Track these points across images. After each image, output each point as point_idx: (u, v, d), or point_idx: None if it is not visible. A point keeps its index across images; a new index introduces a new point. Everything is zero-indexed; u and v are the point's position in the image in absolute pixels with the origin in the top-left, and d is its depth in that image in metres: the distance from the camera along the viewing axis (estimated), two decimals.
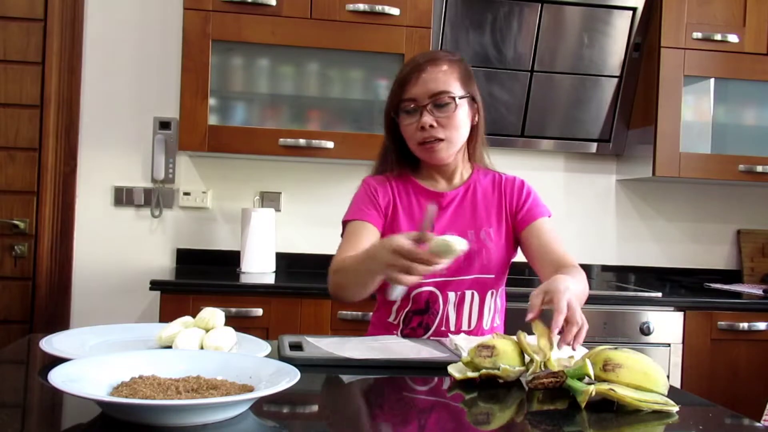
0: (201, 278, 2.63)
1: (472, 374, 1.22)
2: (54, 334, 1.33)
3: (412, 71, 1.65)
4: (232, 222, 3.01)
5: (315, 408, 1.16)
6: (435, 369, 1.33)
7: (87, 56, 2.95)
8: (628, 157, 3.15)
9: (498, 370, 1.20)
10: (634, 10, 2.95)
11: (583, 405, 1.09)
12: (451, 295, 1.66)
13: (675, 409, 1.11)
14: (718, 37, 2.90)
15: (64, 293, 2.93)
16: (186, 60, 2.67)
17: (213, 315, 1.35)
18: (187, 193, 3.00)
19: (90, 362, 1.06)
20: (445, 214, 1.69)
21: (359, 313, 2.49)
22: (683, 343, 2.66)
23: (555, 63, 3.01)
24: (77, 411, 1.01)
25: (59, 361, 1.08)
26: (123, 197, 2.96)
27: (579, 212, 3.23)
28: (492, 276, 1.67)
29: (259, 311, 2.47)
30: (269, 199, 3.04)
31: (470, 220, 1.69)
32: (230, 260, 2.95)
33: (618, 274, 3.25)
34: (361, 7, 2.71)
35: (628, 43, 3.01)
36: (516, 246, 1.73)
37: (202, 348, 1.27)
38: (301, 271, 2.95)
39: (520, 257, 1.75)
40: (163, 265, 2.98)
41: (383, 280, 1.70)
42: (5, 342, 2.72)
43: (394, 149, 1.74)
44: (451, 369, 1.26)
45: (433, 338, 1.63)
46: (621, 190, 3.28)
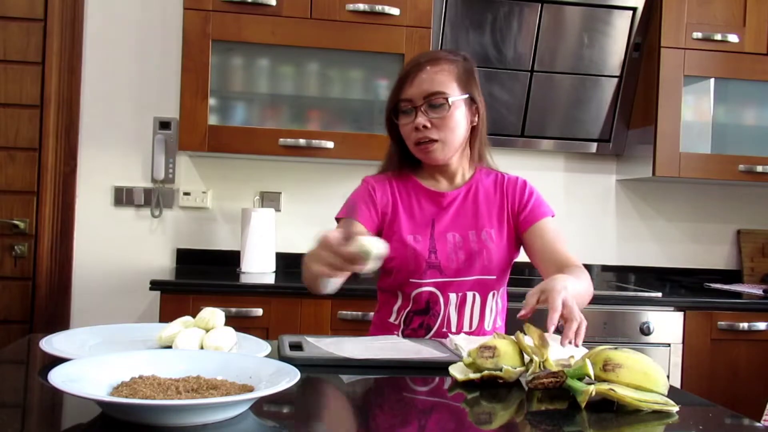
0: (201, 278, 2.63)
1: (473, 375, 1.22)
2: (54, 334, 1.33)
3: (410, 71, 1.65)
4: (232, 222, 3.01)
5: (315, 408, 1.16)
6: (435, 369, 1.32)
7: (87, 56, 2.95)
8: (628, 157, 3.15)
9: (500, 371, 1.20)
10: (634, 10, 2.95)
11: (583, 405, 1.09)
12: (452, 297, 1.65)
13: (675, 409, 1.11)
14: (718, 37, 2.90)
15: (64, 293, 2.93)
16: (186, 60, 2.67)
17: (213, 315, 1.35)
18: (187, 193, 3.00)
19: (90, 362, 1.06)
20: (446, 215, 1.68)
21: (359, 313, 2.49)
22: (683, 343, 2.66)
23: (555, 63, 3.01)
24: (77, 411, 1.01)
25: (59, 361, 1.08)
26: (123, 197, 2.96)
27: (579, 212, 3.23)
28: (493, 277, 1.66)
29: (259, 311, 2.47)
30: (269, 199, 3.04)
31: (471, 221, 1.68)
32: (230, 260, 2.95)
33: (618, 274, 3.25)
34: (361, 7, 2.71)
35: (628, 43, 3.01)
36: (518, 247, 1.72)
37: (202, 348, 1.27)
38: (301, 271, 2.94)
39: (521, 257, 1.75)
40: (163, 265, 2.98)
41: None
42: (5, 342, 2.72)
43: (396, 148, 1.74)
44: (452, 370, 1.25)
45: (433, 338, 1.63)
46: (621, 190, 3.28)
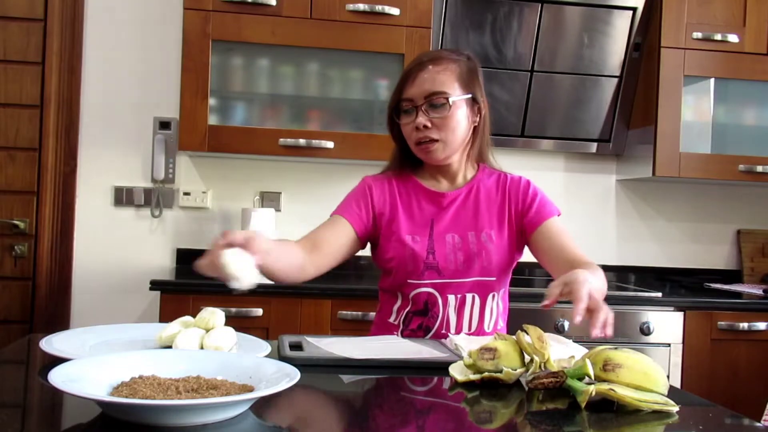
0: (201, 278, 2.60)
1: (473, 376, 1.22)
2: (54, 334, 1.33)
3: (412, 70, 1.64)
4: (232, 222, 3.01)
5: (315, 408, 1.16)
6: (435, 369, 1.32)
7: (87, 56, 2.95)
8: (628, 157, 3.15)
9: (500, 372, 1.20)
10: (634, 10, 2.95)
11: (583, 405, 1.09)
12: (451, 298, 1.64)
13: (675, 409, 1.11)
14: (718, 37, 2.90)
15: (64, 293, 2.93)
16: (186, 60, 2.67)
17: (213, 315, 1.35)
18: (187, 193, 3.00)
19: (90, 362, 1.06)
20: (446, 215, 1.67)
21: (359, 313, 2.49)
22: (683, 343, 2.66)
23: (555, 63, 3.01)
24: (77, 411, 1.01)
25: (59, 361, 1.08)
26: (123, 197, 2.96)
27: (579, 212, 3.23)
28: (493, 278, 1.65)
29: (259, 311, 2.47)
30: (269, 199, 3.04)
31: (471, 222, 1.67)
32: None
33: (618, 274, 3.25)
34: (361, 7, 2.71)
35: (628, 43, 3.01)
36: (520, 248, 1.70)
37: (202, 348, 1.27)
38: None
39: (522, 257, 1.74)
40: (163, 265, 2.98)
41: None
42: (5, 342, 2.72)
43: (398, 148, 1.74)
44: (452, 370, 1.25)
45: (433, 338, 1.62)
46: (621, 190, 3.28)
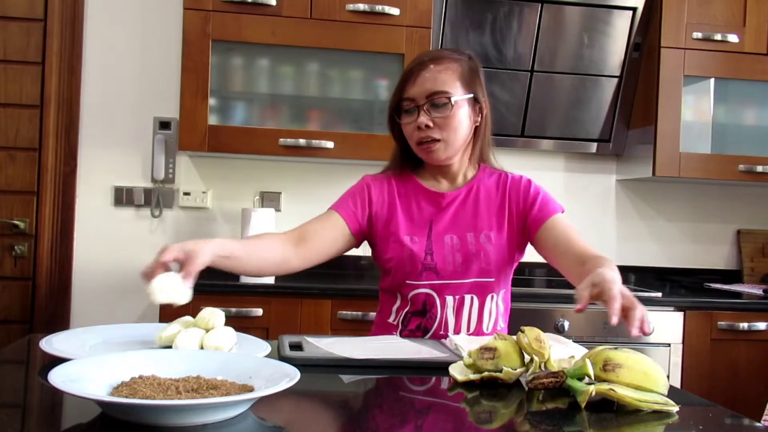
0: (201, 278, 2.61)
1: (473, 376, 1.22)
2: (54, 334, 1.33)
3: (413, 69, 1.64)
4: (232, 222, 3.01)
5: (315, 408, 1.16)
6: (435, 369, 1.32)
7: (87, 56, 2.95)
8: (628, 157, 3.15)
9: (500, 372, 1.20)
10: (634, 10, 2.95)
11: (583, 405, 1.09)
12: (449, 299, 1.63)
13: (675, 409, 1.11)
14: (718, 37, 2.90)
15: (64, 293, 2.93)
16: (186, 60, 2.67)
17: (213, 315, 1.35)
18: (187, 193, 3.00)
19: (90, 362, 1.06)
20: (445, 216, 1.67)
21: (359, 313, 2.49)
22: (683, 343, 2.65)
23: (555, 63, 3.01)
24: (77, 411, 1.01)
25: (59, 361, 1.08)
26: (123, 197, 2.96)
27: (579, 212, 3.22)
28: (492, 279, 1.64)
29: (259, 311, 2.47)
30: (269, 199, 3.04)
31: (470, 222, 1.66)
32: None
33: None
34: (361, 7, 2.71)
35: (628, 43, 3.01)
36: (521, 248, 1.69)
37: (202, 348, 1.27)
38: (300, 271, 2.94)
39: (524, 257, 1.74)
40: None
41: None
42: (5, 342, 2.72)
43: (399, 148, 1.73)
44: (452, 370, 1.25)
45: (432, 338, 1.62)
46: (621, 190, 3.28)
